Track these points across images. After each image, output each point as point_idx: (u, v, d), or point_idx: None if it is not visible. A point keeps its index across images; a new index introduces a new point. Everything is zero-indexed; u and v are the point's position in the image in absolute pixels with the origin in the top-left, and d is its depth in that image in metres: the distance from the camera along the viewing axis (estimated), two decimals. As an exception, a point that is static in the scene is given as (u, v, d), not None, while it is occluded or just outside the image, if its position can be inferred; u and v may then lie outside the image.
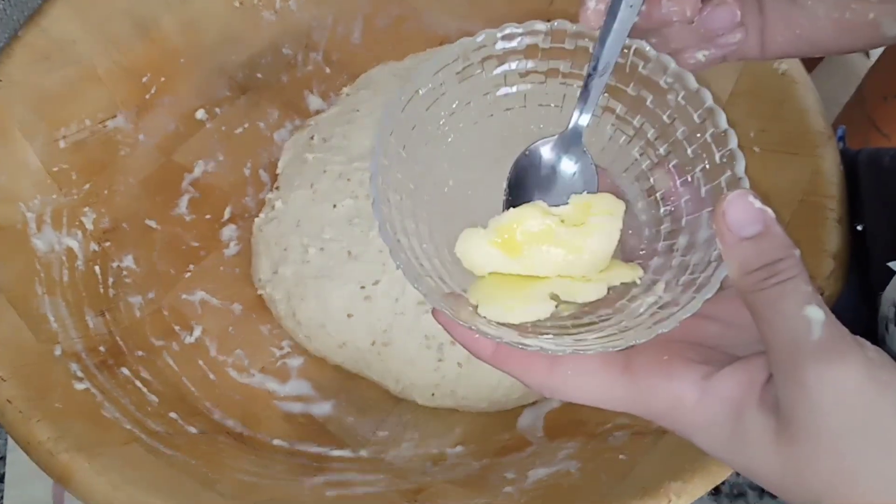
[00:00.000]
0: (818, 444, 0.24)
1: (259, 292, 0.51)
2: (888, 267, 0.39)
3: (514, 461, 0.44)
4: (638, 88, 0.33)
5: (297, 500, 0.41)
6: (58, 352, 0.43)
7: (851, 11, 0.31)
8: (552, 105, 0.35)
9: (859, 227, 0.44)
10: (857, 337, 0.25)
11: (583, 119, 0.32)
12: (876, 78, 0.76)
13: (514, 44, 0.33)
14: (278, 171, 0.54)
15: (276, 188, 0.53)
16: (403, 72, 0.55)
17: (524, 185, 0.33)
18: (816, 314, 0.24)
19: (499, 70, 0.33)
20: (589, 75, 0.31)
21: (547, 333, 0.29)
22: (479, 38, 0.32)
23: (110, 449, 0.39)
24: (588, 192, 0.32)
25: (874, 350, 0.25)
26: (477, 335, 0.28)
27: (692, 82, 0.31)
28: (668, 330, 0.27)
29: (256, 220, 0.52)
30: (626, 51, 0.32)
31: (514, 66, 0.33)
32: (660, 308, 0.29)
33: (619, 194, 0.33)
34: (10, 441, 0.50)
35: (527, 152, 0.33)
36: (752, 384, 0.26)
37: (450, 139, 0.34)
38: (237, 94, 0.56)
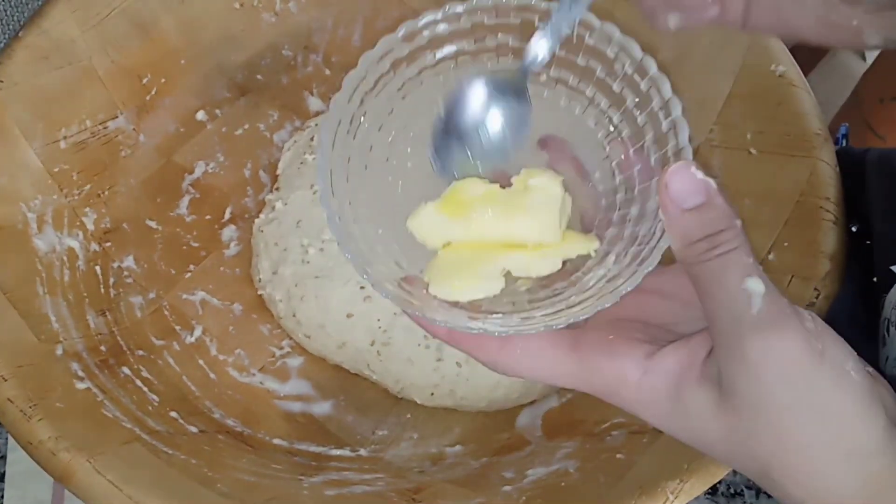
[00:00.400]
0: (760, 414, 0.25)
1: (259, 292, 0.51)
2: (892, 271, 0.40)
3: (512, 460, 0.45)
4: (587, 58, 0.33)
5: (297, 499, 0.41)
6: (59, 351, 0.43)
7: (837, 13, 0.31)
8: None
9: (854, 228, 0.44)
10: (796, 307, 0.25)
11: (540, 49, 0.31)
12: (872, 80, 0.77)
13: (440, 29, 0.33)
14: (278, 171, 0.54)
15: (277, 189, 0.53)
16: (403, 73, 0.55)
17: (453, 124, 0.33)
18: (757, 286, 0.25)
19: (437, 54, 0.33)
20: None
21: (498, 312, 0.30)
22: (400, 33, 0.32)
23: (111, 448, 0.39)
24: (518, 141, 0.33)
25: (812, 320, 0.25)
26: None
27: (637, 51, 0.31)
28: (608, 305, 0.27)
29: (256, 220, 0.53)
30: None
31: (444, 52, 0.33)
32: (607, 282, 0.29)
33: (578, 166, 0.33)
34: (11, 440, 0.50)
35: (462, 87, 0.33)
36: (692, 360, 0.27)
37: (400, 119, 0.34)
38: (237, 96, 0.56)
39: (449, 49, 0.33)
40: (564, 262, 0.31)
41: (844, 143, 0.51)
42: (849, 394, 0.25)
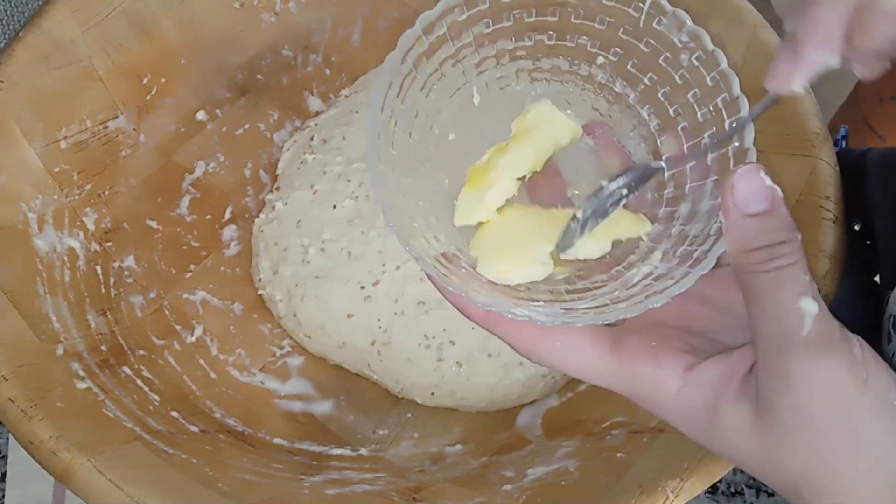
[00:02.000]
0: (797, 435, 0.25)
1: (259, 292, 0.51)
2: None
3: (512, 460, 0.45)
4: (651, 44, 0.31)
5: (298, 499, 0.41)
6: (59, 351, 0.43)
7: None
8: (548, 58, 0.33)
9: (857, 227, 0.44)
10: (846, 331, 0.25)
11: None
12: (872, 80, 0.77)
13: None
14: (278, 171, 0.54)
15: (277, 189, 0.53)
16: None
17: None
18: (811, 307, 0.24)
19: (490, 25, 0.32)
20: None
21: (538, 300, 0.29)
22: None
23: (112, 448, 0.39)
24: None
25: (860, 346, 0.25)
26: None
27: (708, 42, 0.30)
28: (658, 305, 0.27)
29: (256, 220, 0.53)
30: (641, 4, 0.30)
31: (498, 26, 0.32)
32: (654, 280, 0.29)
33: (622, 153, 0.33)
34: (12, 440, 0.50)
35: None
36: (732, 375, 0.26)
37: (448, 88, 0.33)
38: (237, 96, 0.56)
39: (505, 23, 0.32)
40: (613, 246, 0.30)
41: (844, 145, 0.51)
42: (888, 424, 0.24)
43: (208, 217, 0.53)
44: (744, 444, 0.26)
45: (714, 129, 0.30)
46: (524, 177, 0.32)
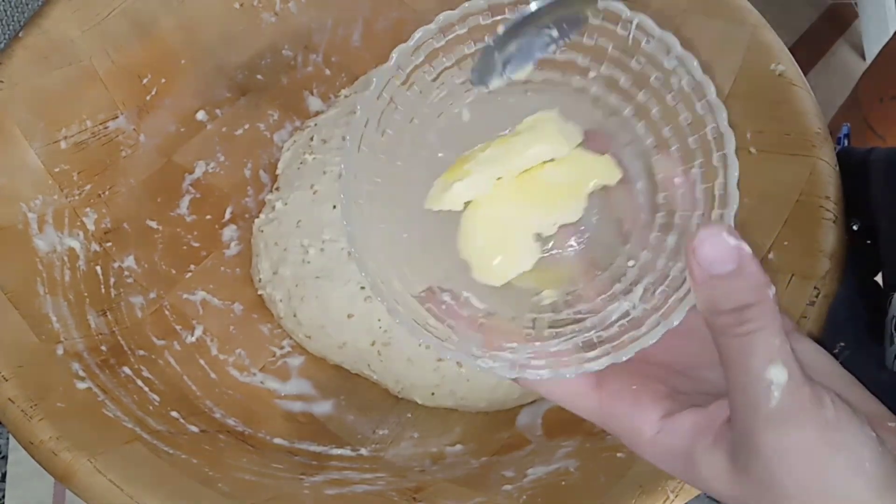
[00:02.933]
0: (770, 493, 0.25)
1: (259, 292, 0.51)
2: None
3: (512, 460, 0.45)
4: (641, 63, 0.31)
5: (298, 499, 0.41)
6: (60, 351, 0.43)
7: None
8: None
9: (855, 227, 0.44)
10: (818, 390, 0.24)
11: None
12: (871, 80, 0.77)
13: (459, 31, 0.31)
14: (278, 171, 0.54)
15: (276, 189, 0.53)
16: (402, 73, 0.55)
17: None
18: (779, 376, 0.24)
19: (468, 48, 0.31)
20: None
21: (513, 340, 0.29)
22: (436, 24, 0.30)
23: (112, 448, 0.39)
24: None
25: (833, 407, 0.24)
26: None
27: (697, 71, 0.29)
28: (623, 360, 0.27)
29: (256, 220, 0.53)
30: (628, 24, 0.30)
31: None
32: (628, 322, 0.28)
33: (619, 164, 0.32)
34: (12, 440, 0.50)
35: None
36: (708, 427, 0.26)
37: (437, 112, 0.32)
38: (237, 96, 0.56)
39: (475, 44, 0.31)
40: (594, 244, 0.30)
41: (846, 143, 0.51)
42: (860, 487, 0.24)
43: (208, 217, 0.53)
44: (722, 489, 0.26)
45: (702, 159, 0.29)
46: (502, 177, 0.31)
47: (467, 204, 0.31)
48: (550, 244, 0.31)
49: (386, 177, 0.31)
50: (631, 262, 0.31)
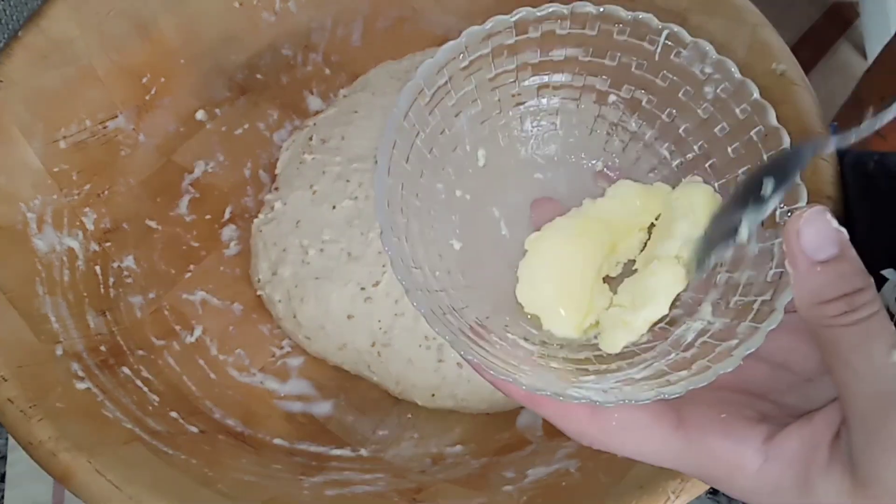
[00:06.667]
0: None
1: (258, 293, 0.51)
2: (880, 274, 0.39)
3: (513, 460, 0.45)
4: (669, 78, 0.29)
5: (298, 499, 0.41)
6: (59, 351, 0.43)
7: None
8: (575, 104, 0.31)
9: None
10: None
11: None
12: (873, 79, 0.77)
13: (529, 34, 0.28)
14: (277, 171, 0.54)
15: (275, 189, 0.53)
16: (401, 73, 0.55)
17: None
18: None
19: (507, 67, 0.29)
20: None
21: (589, 373, 0.26)
22: (487, 26, 0.28)
23: (111, 448, 0.39)
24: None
25: None
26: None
27: (735, 72, 0.28)
28: (730, 369, 0.24)
29: (255, 220, 0.53)
30: (655, 38, 0.28)
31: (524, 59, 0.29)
32: (711, 338, 0.26)
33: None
34: (11, 440, 0.50)
35: None
36: (818, 444, 0.23)
37: (457, 145, 0.30)
38: (237, 95, 0.56)
39: (507, 67, 0.30)
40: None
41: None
42: None
43: (208, 217, 0.53)
44: None
45: (749, 165, 0.28)
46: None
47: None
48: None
49: (412, 213, 0.29)
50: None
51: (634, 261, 0.29)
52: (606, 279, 0.29)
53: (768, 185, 0.25)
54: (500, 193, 0.31)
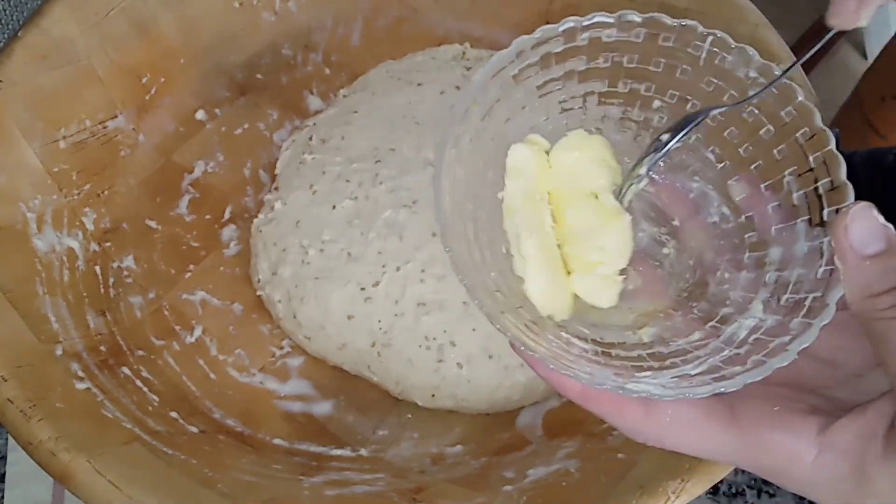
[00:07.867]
0: None
1: (258, 293, 0.51)
2: None
3: (513, 460, 0.45)
4: (713, 83, 0.29)
5: (298, 500, 0.41)
6: (59, 352, 0.43)
7: None
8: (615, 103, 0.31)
9: None
10: None
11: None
12: (873, 79, 0.77)
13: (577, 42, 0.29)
14: (277, 171, 0.54)
15: (275, 189, 0.53)
16: (401, 73, 0.55)
17: None
18: None
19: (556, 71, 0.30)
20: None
21: (644, 368, 0.27)
22: (537, 35, 0.29)
23: (111, 448, 0.39)
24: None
25: None
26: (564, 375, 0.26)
27: (773, 69, 0.28)
28: (786, 363, 0.24)
29: (255, 220, 0.53)
30: (700, 44, 0.28)
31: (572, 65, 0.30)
32: (764, 334, 0.26)
33: (683, 199, 0.31)
34: (11, 440, 0.50)
35: None
36: (873, 434, 0.24)
37: (506, 152, 0.31)
38: (237, 95, 0.56)
39: (555, 72, 0.30)
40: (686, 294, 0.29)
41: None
42: None
43: (208, 217, 0.53)
44: None
45: (795, 166, 0.28)
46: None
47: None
48: (624, 278, 0.30)
49: (468, 214, 0.30)
50: (726, 286, 0.29)
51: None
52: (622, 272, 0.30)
53: (665, 136, 0.28)
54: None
